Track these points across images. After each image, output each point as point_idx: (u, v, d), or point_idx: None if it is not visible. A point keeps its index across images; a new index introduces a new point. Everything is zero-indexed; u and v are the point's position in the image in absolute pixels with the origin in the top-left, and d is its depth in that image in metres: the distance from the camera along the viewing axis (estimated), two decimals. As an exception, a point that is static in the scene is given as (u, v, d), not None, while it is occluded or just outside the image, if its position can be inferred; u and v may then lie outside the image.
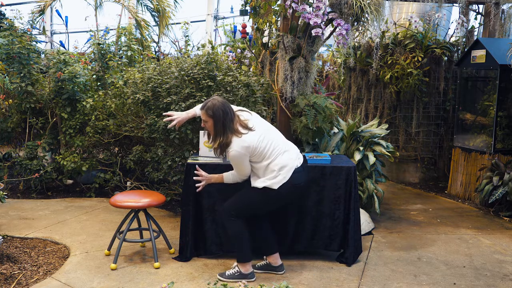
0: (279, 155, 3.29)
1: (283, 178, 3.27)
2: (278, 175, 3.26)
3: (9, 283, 3.32)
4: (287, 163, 3.29)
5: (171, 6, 8.24)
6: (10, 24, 5.65)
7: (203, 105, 3.31)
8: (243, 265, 3.42)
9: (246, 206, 3.41)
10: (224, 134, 3.22)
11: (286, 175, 3.27)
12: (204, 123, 3.33)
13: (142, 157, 5.18)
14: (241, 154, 3.22)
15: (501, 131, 5.50)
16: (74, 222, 4.66)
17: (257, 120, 3.38)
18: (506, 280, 3.53)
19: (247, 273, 3.41)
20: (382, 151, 4.82)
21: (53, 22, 11.35)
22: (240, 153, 3.21)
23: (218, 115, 3.22)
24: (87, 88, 5.77)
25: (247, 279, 3.40)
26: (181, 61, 4.88)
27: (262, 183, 3.29)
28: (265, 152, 3.26)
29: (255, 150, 3.23)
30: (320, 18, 4.12)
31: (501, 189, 4.96)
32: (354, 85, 6.87)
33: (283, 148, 3.33)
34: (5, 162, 6.00)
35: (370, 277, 3.52)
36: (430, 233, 4.55)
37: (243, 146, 3.20)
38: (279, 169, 3.26)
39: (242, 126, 3.27)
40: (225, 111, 3.24)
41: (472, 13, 6.52)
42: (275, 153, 3.28)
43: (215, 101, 3.26)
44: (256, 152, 3.24)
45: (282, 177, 3.26)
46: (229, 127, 3.22)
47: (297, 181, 3.32)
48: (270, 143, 3.29)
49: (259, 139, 3.25)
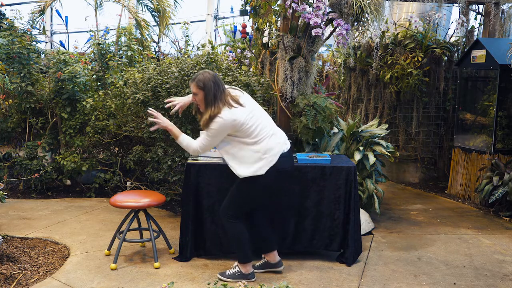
0: (266, 137, 3.24)
1: (269, 162, 3.22)
2: (264, 158, 3.21)
3: (9, 283, 3.32)
4: (273, 147, 3.25)
5: (171, 6, 8.24)
6: (10, 24, 5.65)
7: (193, 78, 3.25)
8: (244, 265, 3.42)
9: (239, 202, 3.38)
10: (215, 105, 3.17)
11: (273, 159, 3.23)
12: (194, 97, 3.25)
13: (142, 157, 5.18)
14: (225, 125, 3.15)
15: (501, 131, 5.50)
16: (74, 222, 4.66)
17: (248, 99, 3.35)
18: (506, 280, 3.53)
19: (248, 273, 3.41)
20: (382, 151, 4.82)
21: (53, 22, 11.35)
22: (225, 123, 3.14)
23: (209, 86, 3.17)
24: (87, 88, 5.77)
25: (248, 279, 3.40)
26: (181, 61, 4.88)
27: (247, 169, 3.22)
28: (252, 130, 3.20)
29: (242, 125, 3.17)
30: (320, 18, 4.12)
31: (501, 189, 4.96)
32: (354, 85, 6.87)
33: (270, 131, 3.29)
34: (5, 162, 6.00)
35: (370, 277, 3.52)
36: (430, 233, 4.55)
37: (231, 118, 3.14)
38: (264, 152, 3.21)
39: (233, 100, 3.23)
40: (216, 82, 3.21)
41: (472, 13, 6.52)
42: (262, 134, 3.23)
43: (206, 74, 3.23)
44: (243, 127, 3.18)
45: (268, 161, 3.21)
46: (220, 98, 3.19)
47: (283, 166, 3.28)
48: (259, 122, 3.24)
49: (248, 116, 3.20)
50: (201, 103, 3.24)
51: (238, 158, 3.27)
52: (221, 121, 3.14)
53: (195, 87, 3.22)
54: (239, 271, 3.42)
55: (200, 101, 3.24)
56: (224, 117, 3.14)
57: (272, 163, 3.23)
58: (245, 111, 3.21)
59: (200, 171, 3.67)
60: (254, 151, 3.22)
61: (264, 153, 3.22)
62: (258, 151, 3.22)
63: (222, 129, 3.17)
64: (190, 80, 3.31)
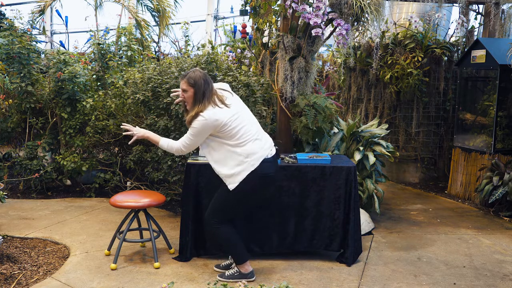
0: (250, 141, 3.22)
1: (250, 166, 3.19)
2: (245, 162, 3.19)
3: (9, 283, 3.32)
4: (256, 151, 3.22)
5: (171, 6, 8.24)
6: (10, 24, 5.65)
7: (183, 75, 3.27)
8: (242, 266, 3.42)
9: (223, 208, 3.35)
10: (203, 102, 3.19)
11: (254, 163, 3.20)
12: (183, 93, 3.26)
13: (142, 157, 5.18)
14: (207, 124, 3.15)
15: (501, 131, 5.50)
16: (74, 222, 4.66)
17: (237, 101, 3.34)
18: (506, 280, 3.53)
19: (247, 273, 3.41)
20: (382, 151, 4.82)
21: (53, 22, 11.35)
22: (207, 122, 3.14)
23: (200, 84, 3.20)
24: (87, 88, 5.77)
25: (247, 278, 3.40)
26: (181, 61, 4.88)
27: (229, 171, 3.21)
28: (235, 132, 3.19)
29: (224, 126, 3.16)
30: (320, 18, 4.13)
31: (501, 189, 4.96)
32: (354, 85, 6.87)
33: (255, 135, 3.27)
34: (5, 162, 6.00)
35: (370, 277, 3.52)
36: (430, 233, 4.55)
37: (213, 118, 3.14)
38: (246, 156, 3.19)
39: (218, 99, 3.24)
40: (206, 81, 3.23)
41: (472, 13, 6.53)
42: (245, 137, 3.21)
43: (197, 72, 3.25)
44: (225, 128, 3.17)
45: (249, 165, 3.19)
46: (207, 97, 3.21)
47: (266, 171, 3.24)
48: (243, 125, 3.22)
49: (232, 118, 3.19)
50: (189, 100, 3.25)
51: (219, 160, 3.26)
52: (202, 120, 3.14)
53: (185, 84, 3.23)
54: (238, 271, 3.42)
55: (188, 98, 3.25)
56: (206, 116, 3.14)
57: (253, 168, 3.20)
58: (229, 112, 3.20)
59: (200, 171, 3.67)
60: (236, 154, 3.20)
61: (246, 157, 3.20)
62: (240, 154, 3.20)
63: (204, 129, 3.17)
64: (180, 77, 3.33)
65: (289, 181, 3.70)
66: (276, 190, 3.70)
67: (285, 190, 3.71)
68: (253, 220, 3.73)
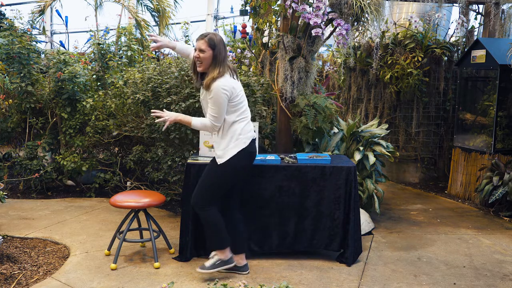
0: (246, 119, 3.33)
1: (242, 143, 3.27)
2: (239, 138, 3.26)
3: (9, 283, 3.32)
4: (249, 130, 3.34)
5: (171, 6, 8.25)
6: (10, 24, 5.65)
7: (203, 34, 3.22)
8: (222, 251, 3.40)
9: (210, 186, 3.35)
10: (223, 67, 3.19)
11: (246, 141, 3.29)
12: (200, 53, 3.20)
13: (142, 157, 5.18)
14: (227, 92, 3.17)
15: (501, 131, 5.50)
16: (74, 222, 4.66)
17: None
18: (506, 280, 3.53)
19: (227, 259, 3.41)
20: (382, 151, 4.82)
21: (53, 22, 11.35)
22: (227, 90, 3.17)
23: (220, 48, 3.19)
24: (87, 88, 5.77)
25: (228, 264, 3.40)
26: (181, 61, 4.88)
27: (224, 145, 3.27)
28: (240, 107, 3.27)
29: (236, 97, 3.22)
30: (320, 18, 4.13)
31: (501, 189, 4.96)
32: (354, 85, 6.87)
33: (249, 116, 3.39)
34: (5, 162, 6.00)
35: (370, 277, 3.52)
36: (430, 233, 4.55)
37: (231, 85, 3.19)
38: (240, 132, 3.27)
39: (233, 70, 3.31)
40: (225, 46, 3.25)
41: (472, 13, 6.53)
42: (244, 115, 3.31)
43: (217, 35, 3.23)
44: (236, 100, 3.23)
45: (241, 142, 3.27)
46: (227, 62, 3.24)
47: (253, 149, 3.37)
48: (245, 103, 3.34)
49: (242, 92, 3.29)
50: (205, 61, 3.21)
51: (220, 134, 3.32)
52: (224, 90, 3.15)
53: (205, 44, 3.18)
54: (219, 259, 3.40)
55: (205, 59, 3.20)
56: (226, 83, 3.18)
57: (245, 145, 3.28)
58: (240, 85, 3.31)
59: (200, 171, 3.66)
60: (233, 129, 3.27)
61: (240, 133, 3.27)
62: (236, 130, 3.27)
63: (225, 97, 3.17)
64: (199, 36, 3.24)
65: (289, 181, 3.70)
66: (276, 190, 3.70)
67: (285, 190, 3.71)
68: (253, 220, 3.73)
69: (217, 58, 3.18)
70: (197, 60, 3.24)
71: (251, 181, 3.68)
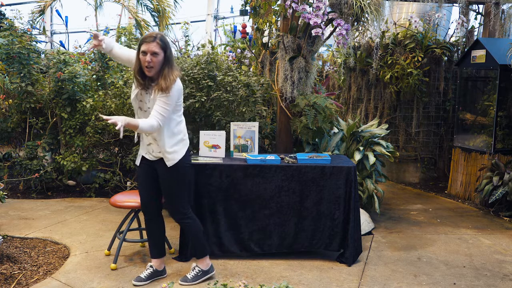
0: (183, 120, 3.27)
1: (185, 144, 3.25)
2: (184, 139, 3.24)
3: (9, 283, 3.32)
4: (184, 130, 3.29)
5: (171, 6, 8.25)
6: (10, 24, 5.65)
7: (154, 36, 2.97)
8: (203, 260, 3.38)
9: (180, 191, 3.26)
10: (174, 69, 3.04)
11: (187, 141, 3.28)
12: (153, 57, 2.95)
13: (142, 157, 5.18)
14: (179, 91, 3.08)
15: (501, 131, 5.51)
16: (74, 222, 4.66)
17: None
18: (506, 280, 3.53)
19: (208, 268, 3.39)
20: (382, 151, 4.82)
21: (53, 22, 11.34)
22: (178, 91, 3.08)
23: (170, 47, 3.04)
24: (87, 88, 5.77)
25: (210, 273, 3.38)
26: (181, 61, 4.88)
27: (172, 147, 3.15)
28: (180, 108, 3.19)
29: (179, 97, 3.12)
30: (320, 18, 4.13)
31: (501, 189, 4.96)
32: (354, 85, 6.87)
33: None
34: (5, 162, 5.99)
35: (370, 277, 3.52)
36: (430, 233, 4.55)
37: (181, 85, 3.11)
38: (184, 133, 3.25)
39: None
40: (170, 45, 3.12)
41: (472, 13, 6.53)
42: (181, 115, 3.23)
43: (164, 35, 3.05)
44: (180, 99, 3.15)
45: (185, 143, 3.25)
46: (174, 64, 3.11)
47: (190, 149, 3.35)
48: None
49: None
50: (157, 65, 2.98)
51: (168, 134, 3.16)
52: (178, 90, 3.07)
53: (158, 47, 2.95)
54: (200, 270, 3.37)
55: (157, 63, 2.98)
56: (180, 85, 3.09)
57: (187, 145, 3.26)
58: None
59: (200, 171, 3.67)
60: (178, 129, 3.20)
61: (184, 134, 3.26)
62: (181, 129, 3.23)
63: (178, 96, 3.09)
64: (148, 39, 2.97)
65: (289, 181, 3.70)
66: (276, 190, 3.70)
67: (285, 190, 3.71)
68: (253, 220, 3.73)
69: (169, 59, 3.00)
70: (149, 64, 2.97)
71: (251, 181, 3.69)
